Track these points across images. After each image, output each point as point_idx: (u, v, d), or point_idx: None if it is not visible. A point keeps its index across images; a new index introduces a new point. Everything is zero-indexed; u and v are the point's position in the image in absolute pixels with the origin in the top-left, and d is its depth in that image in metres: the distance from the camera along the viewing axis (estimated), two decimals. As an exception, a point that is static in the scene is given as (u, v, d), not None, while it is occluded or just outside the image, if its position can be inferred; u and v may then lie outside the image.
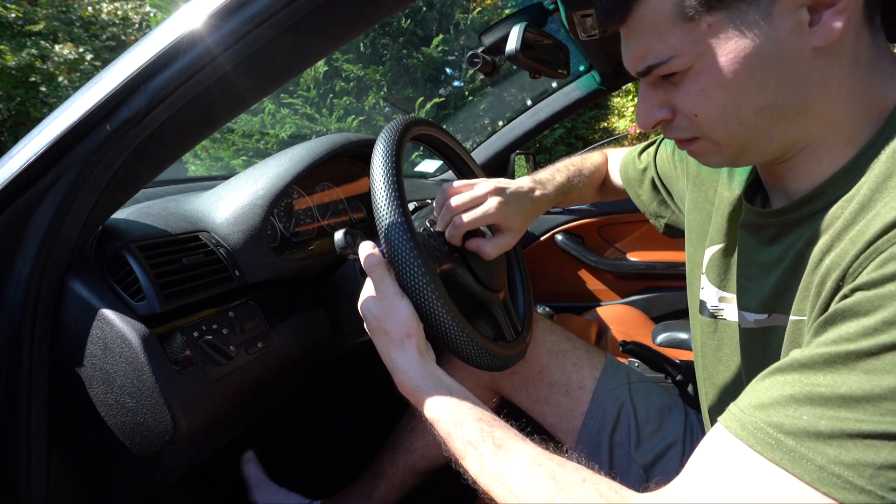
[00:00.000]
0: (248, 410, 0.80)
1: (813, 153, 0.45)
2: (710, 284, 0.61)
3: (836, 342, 0.35)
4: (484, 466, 0.47)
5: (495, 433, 0.49)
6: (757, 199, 0.55)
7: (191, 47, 0.46)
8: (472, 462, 0.48)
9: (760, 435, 0.35)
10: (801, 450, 0.33)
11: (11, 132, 5.61)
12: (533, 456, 0.46)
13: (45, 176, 0.52)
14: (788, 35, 0.40)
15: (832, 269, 0.39)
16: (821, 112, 0.43)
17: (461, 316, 0.60)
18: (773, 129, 0.44)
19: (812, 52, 0.40)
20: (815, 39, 0.40)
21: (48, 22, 5.92)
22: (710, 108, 0.44)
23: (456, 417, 0.51)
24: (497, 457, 0.47)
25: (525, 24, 0.77)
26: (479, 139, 1.69)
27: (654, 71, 0.45)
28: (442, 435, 0.52)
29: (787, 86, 0.42)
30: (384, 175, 0.61)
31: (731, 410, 0.38)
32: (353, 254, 0.69)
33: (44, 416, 0.58)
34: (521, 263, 0.96)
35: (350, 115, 3.98)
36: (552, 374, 0.85)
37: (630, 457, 0.75)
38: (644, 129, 0.50)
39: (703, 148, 0.49)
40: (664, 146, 0.80)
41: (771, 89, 0.42)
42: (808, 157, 0.46)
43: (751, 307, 0.52)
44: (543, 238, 1.71)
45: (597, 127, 5.27)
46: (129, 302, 0.60)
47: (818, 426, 0.33)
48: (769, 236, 0.50)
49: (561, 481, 0.42)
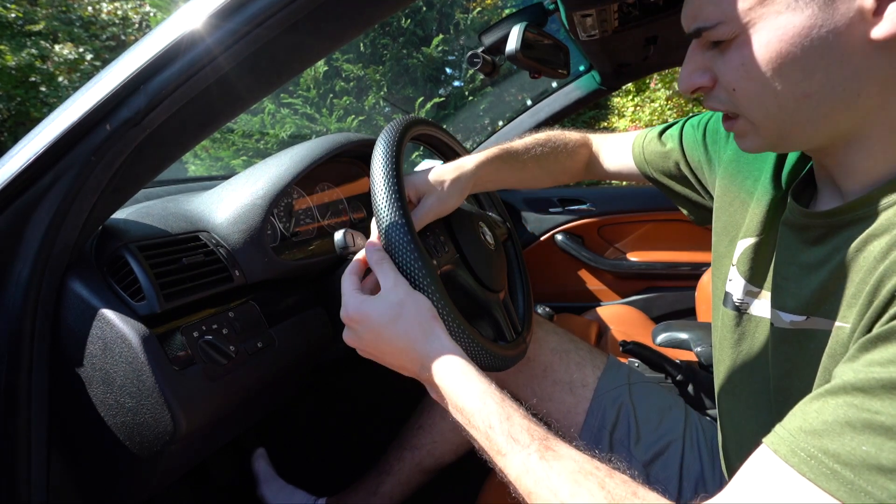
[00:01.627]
0: (248, 410, 0.80)
1: (870, 153, 0.43)
2: (740, 277, 0.59)
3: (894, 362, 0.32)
4: (529, 467, 0.43)
5: (543, 433, 0.46)
6: (804, 197, 0.52)
7: (191, 47, 0.46)
8: (514, 460, 0.44)
9: (814, 463, 0.33)
10: (860, 483, 0.31)
11: (11, 132, 5.60)
12: (581, 463, 0.43)
13: (45, 176, 0.52)
14: (847, 21, 0.37)
15: (887, 278, 0.37)
16: (876, 111, 0.41)
17: (461, 316, 0.60)
18: (819, 121, 0.42)
19: (870, 45, 0.37)
20: (877, 31, 0.37)
21: (48, 22, 5.92)
22: (750, 85, 0.42)
23: (503, 411, 0.48)
24: (545, 459, 0.43)
25: (525, 24, 0.77)
26: (479, 139, 1.69)
27: (703, 34, 0.43)
28: (478, 426, 0.48)
29: (837, 76, 0.39)
30: (384, 175, 0.61)
31: (779, 433, 0.36)
32: (352, 254, 0.68)
33: (44, 416, 0.58)
34: (521, 263, 0.96)
35: (350, 115, 3.98)
36: (556, 372, 0.86)
37: (630, 454, 0.76)
38: (684, 91, 0.48)
39: (741, 128, 0.47)
40: (691, 128, 0.74)
41: (818, 77, 0.39)
42: (864, 157, 0.43)
43: (787, 307, 0.50)
44: (543, 238, 1.71)
45: (597, 127, 5.27)
46: (129, 302, 0.60)
47: (879, 459, 0.31)
48: (814, 237, 0.48)
49: (612, 493, 0.40)
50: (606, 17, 0.93)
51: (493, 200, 1.01)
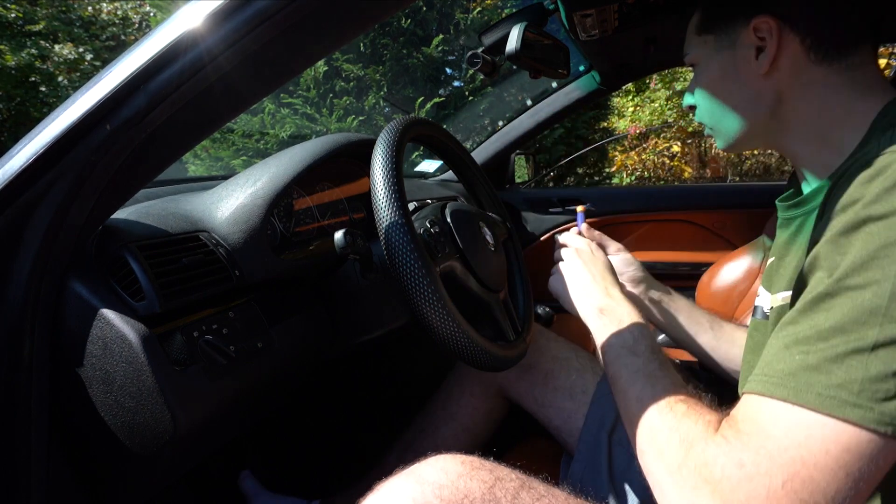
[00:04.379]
0: (248, 410, 0.80)
1: (814, 155, 0.57)
2: (764, 290, 0.65)
3: (806, 295, 0.43)
4: None
5: None
6: None
7: (191, 47, 0.46)
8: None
9: (772, 381, 0.41)
10: (799, 385, 0.39)
11: (11, 132, 5.60)
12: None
13: (45, 176, 0.52)
14: (743, 61, 0.57)
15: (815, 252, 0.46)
16: (793, 120, 0.57)
17: (461, 316, 0.60)
18: (749, 128, 0.60)
19: (761, 76, 0.56)
20: (758, 68, 0.56)
21: (48, 22, 5.92)
22: (703, 100, 0.63)
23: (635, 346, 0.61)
24: None
25: (525, 24, 0.77)
26: (479, 139, 1.69)
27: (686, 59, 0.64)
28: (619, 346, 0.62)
29: (747, 96, 0.58)
30: (384, 175, 0.61)
31: (751, 379, 0.44)
32: (352, 254, 0.68)
33: (44, 416, 0.58)
34: (521, 263, 0.96)
35: (350, 115, 3.98)
36: (556, 379, 0.88)
37: (629, 454, 0.76)
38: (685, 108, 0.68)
39: (709, 132, 0.66)
40: None
41: (734, 96, 0.60)
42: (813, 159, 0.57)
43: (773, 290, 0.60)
44: (543, 238, 1.71)
45: (597, 127, 5.26)
46: (129, 302, 0.60)
47: (807, 361, 0.40)
48: (794, 229, 0.58)
49: None
50: (606, 17, 0.93)
51: (494, 200, 1.01)
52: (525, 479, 0.55)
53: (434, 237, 0.70)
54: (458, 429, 0.95)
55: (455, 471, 0.53)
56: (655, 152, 5.53)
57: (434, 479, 0.52)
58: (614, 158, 5.69)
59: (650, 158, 5.55)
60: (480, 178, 0.99)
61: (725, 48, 0.58)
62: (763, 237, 1.28)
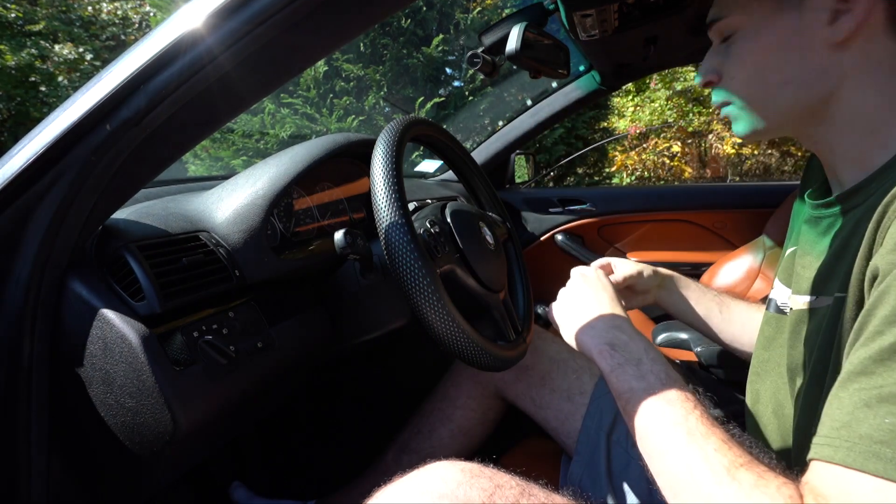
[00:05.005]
0: (248, 410, 0.80)
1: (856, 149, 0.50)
2: (781, 284, 0.63)
3: (878, 336, 0.37)
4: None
5: None
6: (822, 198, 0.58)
7: (191, 47, 0.46)
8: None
9: (860, 449, 0.35)
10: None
11: (11, 132, 5.60)
12: None
13: (45, 176, 0.52)
14: (811, 25, 0.47)
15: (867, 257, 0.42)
16: (846, 107, 0.49)
17: (461, 316, 0.60)
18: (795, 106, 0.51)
19: (830, 47, 0.47)
20: (833, 35, 0.46)
21: (48, 22, 5.92)
22: (743, 71, 0.53)
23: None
24: None
25: (525, 24, 0.77)
26: (479, 139, 1.69)
27: (714, 26, 0.54)
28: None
29: (808, 69, 0.49)
30: (384, 175, 0.61)
31: (817, 442, 0.38)
32: (352, 254, 0.68)
33: (44, 416, 0.58)
34: (521, 263, 0.96)
35: (350, 115, 3.98)
36: (554, 380, 0.87)
37: (628, 454, 0.76)
38: (700, 85, 0.59)
39: (732, 113, 0.56)
40: None
41: (790, 68, 0.49)
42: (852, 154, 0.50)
43: (801, 290, 0.56)
44: (543, 238, 1.71)
45: (597, 127, 5.26)
46: (130, 302, 0.60)
47: None
48: (823, 227, 0.54)
49: None
50: (606, 17, 0.93)
51: (494, 200, 1.01)
52: (525, 485, 0.54)
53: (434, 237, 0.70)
54: (455, 430, 0.95)
55: (454, 479, 0.51)
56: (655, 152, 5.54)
57: (433, 487, 0.51)
58: (614, 158, 5.70)
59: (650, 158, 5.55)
60: (480, 179, 0.99)
61: (789, 8, 0.48)
62: (763, 237, 1.28)
